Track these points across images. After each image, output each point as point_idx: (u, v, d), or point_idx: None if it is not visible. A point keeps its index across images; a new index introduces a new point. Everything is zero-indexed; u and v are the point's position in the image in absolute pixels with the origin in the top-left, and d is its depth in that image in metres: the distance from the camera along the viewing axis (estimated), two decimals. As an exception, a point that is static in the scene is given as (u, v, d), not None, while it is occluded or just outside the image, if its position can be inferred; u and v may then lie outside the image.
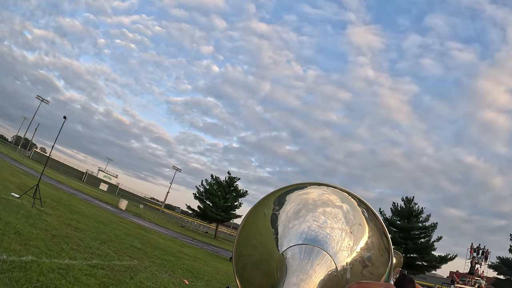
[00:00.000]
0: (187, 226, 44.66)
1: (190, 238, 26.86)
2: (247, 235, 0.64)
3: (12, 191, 12.21)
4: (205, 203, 38.87)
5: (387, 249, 0.58)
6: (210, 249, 22.47)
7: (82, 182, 71.05)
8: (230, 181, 40.43)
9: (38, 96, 73.04)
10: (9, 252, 5.26)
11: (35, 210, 10.07)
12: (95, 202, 25.40)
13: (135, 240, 12.25)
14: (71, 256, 6.51)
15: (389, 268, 0.57)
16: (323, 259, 0.54)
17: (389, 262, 0.57)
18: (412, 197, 37.05)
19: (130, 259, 8.55)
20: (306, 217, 0.60)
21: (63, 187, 27.22)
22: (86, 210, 16.29)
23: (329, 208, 0.60)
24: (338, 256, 0.56)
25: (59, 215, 10.95)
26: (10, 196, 10.89)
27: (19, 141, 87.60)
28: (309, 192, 0.62)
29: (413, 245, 34.84)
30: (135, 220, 24.20)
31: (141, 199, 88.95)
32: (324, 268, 0.52)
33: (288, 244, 0.58)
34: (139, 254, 9.87)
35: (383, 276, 0.58)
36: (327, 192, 0.61)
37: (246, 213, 0.63)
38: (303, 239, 0.57)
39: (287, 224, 0.61)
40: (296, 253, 0.55)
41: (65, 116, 11.49)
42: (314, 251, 0.55)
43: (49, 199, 13.77)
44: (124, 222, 18.08)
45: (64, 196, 18.21)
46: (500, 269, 35.55)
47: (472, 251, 33.49)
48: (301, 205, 0.61)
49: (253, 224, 0.63)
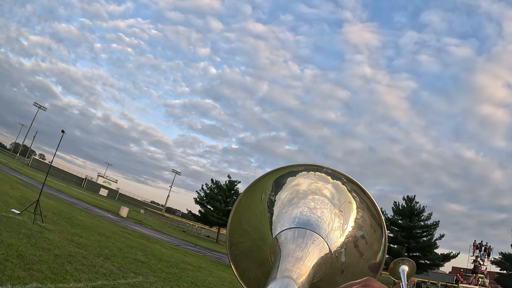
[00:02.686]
0: (189, 231, 44.52)
1: (192, 244, 26.76)
2: (240, 219, 0.64)
3: (12, 206, 12.10)
4: (206, 208, 38.78)
5: (379, 225, 0.58)
6: (213, 255, 22.37)
7: (82, 188, 70.80)
8: (230, 185, 40.38)
9: (35, 103, 72.80)
10: (13, 280, 5.16)
11: (36, 227, 9.96)
12: (96, 211, 25.26)
13: (138, 253, 12.15)
14: (76, 278, 6.40)
15: (384, 243, 0.57)
16: (316, 241, 0.54)
17: (383, 237, 0.57)
18: (413, 196, 37.14)
19: (135, 276, 8.45)
20: (299, 204, 0.61)
21: (63, 196, 27.08)
22: (88, 221, 16.17)
23: (317, 196, 0.61)
24: (330, 237, 0.56)
25: (61, 231, 10.85)
26: (10, 213, 10.77)
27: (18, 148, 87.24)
28: (300, 182, 0.63)
29: (415, 244, 34.87)
30: (137, 228, 24.08)
31: (141, 203, 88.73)
32: (317, 251, 0.53)
33: (281, 228, 0.59)
34: (143, 268, 9.76)
35: (379, 252, 0.58)
36: (315, 181, 0.62)
37: (238, 197, 0.63)
38: (295, 223, 0.58)
39: (281, 210, 0.62)
40: (289, 236, 0.56)
41: (63, 130, 11.37)
42: (307, 234, 0.55)
43: (50, 212, 13.65)
44: (126, 232, 17.97)
45: (65, 208, 18.09)
46: (503, 264, 35.58)
47: (475, 248, 33.53)
48: (294, 194, 0.63)
49: (247, 208, 0.63)
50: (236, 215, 0.63)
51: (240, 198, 0.63)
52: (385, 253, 0.57)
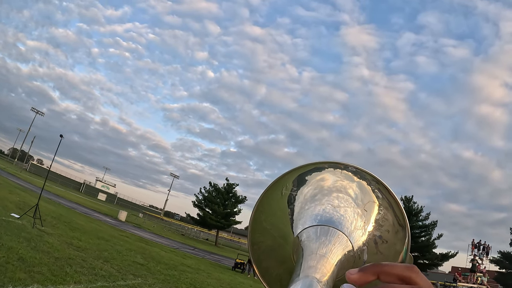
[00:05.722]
0: (188, 234, 44.52)
1: (191, 247, 26.78)
2: (260, 218, 0.63)
3: (11, 211, 12.16)
4: (204, 211, 38.81)
5: (402, 225, 0.57)
6: (212, 258, 22.42)
7: (80, 193, 70.63)
8: (228, 188, 40.42)
9: (33, 108, 72.73)
10: (15, 282, 5.27)
11: (36, 231, 10.04)
12: (95, 215, 25.29)
13: (137, 255, 12.23)
14: (76, 280, 6.51)
15: (407, 244, 0.57)
16: (339, 239, 0.54)
17: (406, 238, 0.57)
18: (411, 196, 37.27)
19: (134, 277, 8.54)
20: (322, 201, 0.60)
21: (62, 201, 27.08)
22: (87, 225, 16.24)
23: (342, 194, 0.61)
24: (353, 235, 0.56)
25: (60, 234, 10.93)
26: (10, 217, 10.85)
27: (16, 154, 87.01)
28: (325, 178, 0.62)
29: (414, 244, 34.97)
30: (136, 232, 24.11)
31: (140, 207, 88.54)
32: (341, 249, 0.52)
33: (303, 226, 0.58)
34: (142, 271, 9.86)
35: (401, 253, 0.57)
36: (340, 178, 0.61)
37: (261, 194, 0.62)
38: (318, 221, 0.57)
39: (303, 206, 0.61)
40: (312, 234, 0.55)
41: (61, 135, 11.47)
42: (330, 231, 0.54)
43: (49, 216, 13.72)
44: (124, 236, 18.03)
45: (64, 212, 18.14)
46: (502, 263, 35.76)
47: (474, 247, 33.67)
48: (317, 190, 0.62)
49: (268, 206, 0.63)
50: (257, 213, 0.62)
51: (262, 196, 0.62)
52: (408, 253, 0.57)
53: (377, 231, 0.58)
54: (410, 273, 0.37)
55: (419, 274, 0.37)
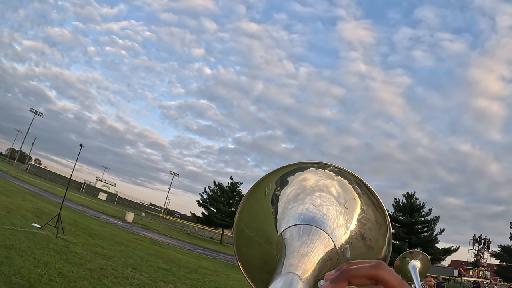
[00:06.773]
0: (192, 233, 44.77)
1: (200, 247, 27.05)
2: (243, 226, 0.64)
3: (31, 220, 12.27)
4: (209, 210, 39.09)
5: (384, 221, 0.59)
6: (223, 258, 22.70)
7: (81, 193, 70.56)
8: (233, 186, 40.70)
9: (31, 109, 72.29)
10: (66, 299, 5.43)
11: (60, 241, 10.18)
12: (104, 218, 25.45)
13: (158, 260, 12.43)
14: (116, 293, 6.69)
15: (388, 239, 0.58)
16: (321, 237, 0.54)
17: (387, 233, 0.58)
18: (413, 192, 37.76)
19: (165, 284, 8.74)
20: (305, 200, 0.62)
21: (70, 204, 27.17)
22: (102, 230, 16.40)
23: (324, 193, 0.62)
24: (335, 233, 0.57)
25: (83, 243, 11.08)
26: (33, 228, 10.97)
27: (14, 154, 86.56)
28: (307, 178, 0.63)
29: (416, 239, 35.53)
30: (146, 234, 24.32)
31: (141, 206, 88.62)
32: (323, 247, 0.53)
33: (286, 225, 0.59)
34: (169, 276, 10.06)
35: (383, 248, 0.59)
36: (322, 178, 0.63)
37: (243, 197, 0.64)
38: (301, 220, 0.58)
39: (287, 206, 0.62)
40: (294, 233, 0.56)
41: (81, 144, 11.57)
42: (312, 230, 0.55)
43: (65, 223, 13.77)
44: (138, 239, 18.24)
45: (77, 217, 18.27)
46: (502, 257, 36.36)
47: (475, 241, 34.25)
48: (300, 190, 0.63)
49: (250, 208, 0.64)
50: (239, 223, 0.63)
51: (242, 204, 0.63)
52: (390, 248, 0.59)
53: (359, 228, 0.59)
54: (376, 271, 0.37)
55: (386, 270, 0.37)
